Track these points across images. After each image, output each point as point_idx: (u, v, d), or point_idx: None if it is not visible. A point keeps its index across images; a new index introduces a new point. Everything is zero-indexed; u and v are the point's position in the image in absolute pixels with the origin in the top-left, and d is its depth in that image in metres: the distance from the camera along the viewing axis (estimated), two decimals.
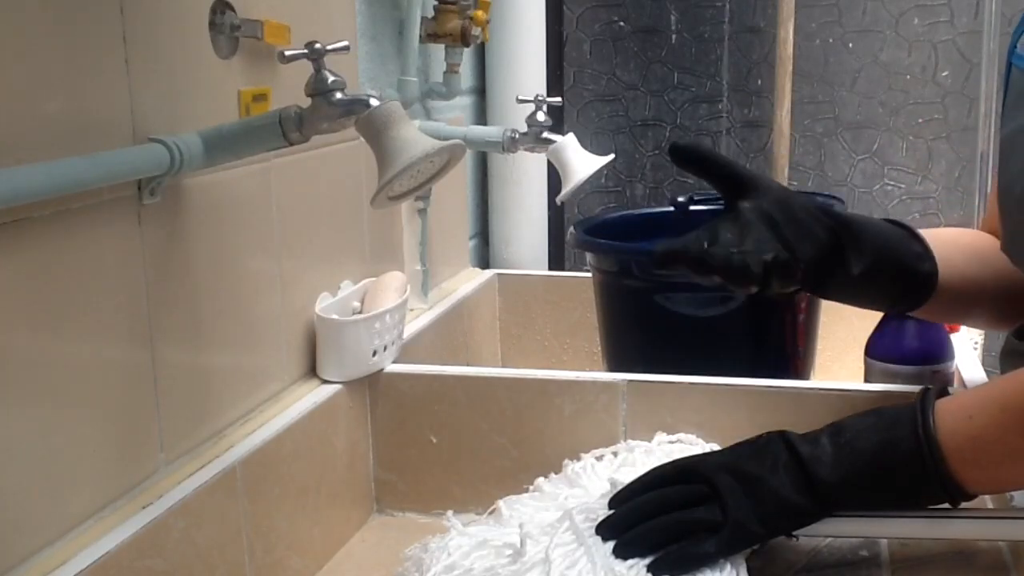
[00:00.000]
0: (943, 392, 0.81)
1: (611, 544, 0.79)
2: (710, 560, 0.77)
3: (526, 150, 1.31)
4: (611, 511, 0.82)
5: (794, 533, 0.80)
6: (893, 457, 0.77)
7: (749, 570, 0.79)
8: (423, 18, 1.30)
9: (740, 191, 0.85)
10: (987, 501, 0.87)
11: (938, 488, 0.77)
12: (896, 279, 0.90)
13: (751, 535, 0.78)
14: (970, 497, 0.78)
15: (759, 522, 0.78)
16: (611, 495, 0.84)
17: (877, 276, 0.88)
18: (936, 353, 1.06)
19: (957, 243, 0.96)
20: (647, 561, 0.78)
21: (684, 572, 0.77)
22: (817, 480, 0.78)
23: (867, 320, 1.10)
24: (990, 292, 0.95)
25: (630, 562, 0.78)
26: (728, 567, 0.78)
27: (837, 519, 0.80)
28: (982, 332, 1.72)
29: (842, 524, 0.80)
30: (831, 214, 0.87)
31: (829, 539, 0.85)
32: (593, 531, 0.81)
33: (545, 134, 1.28)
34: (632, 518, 0.80)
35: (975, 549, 0.83)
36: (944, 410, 0.78)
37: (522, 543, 0.79)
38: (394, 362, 1.08)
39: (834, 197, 1.22)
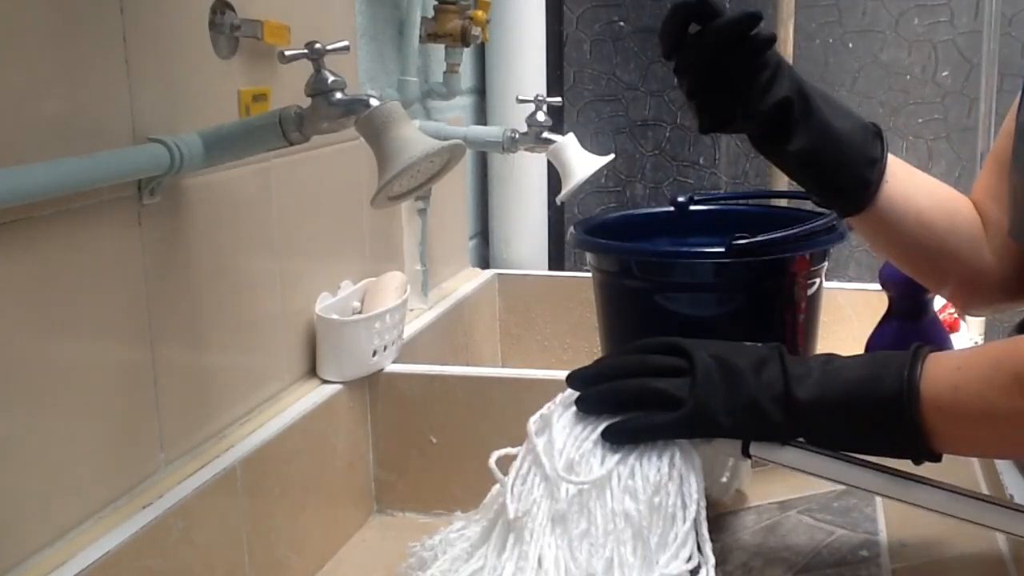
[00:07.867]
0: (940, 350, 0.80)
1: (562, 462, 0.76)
2: (661, 433, 0.75)
3: (526, 150, 1.31)
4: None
5: (752, 454, 0.78)
6: (872, 390, 0.75)
7: (747, 571, 0.79)
8: (423, 18, 1.30)
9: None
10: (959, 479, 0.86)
11: (908, 433, 0.74)
12: (832, 173, 0.91)
13: (712, 423, 0.76)
14: (935, 457, 0.77)
15: (725, 412, 0.75)
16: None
17: (814, 160, 0.90)
18: None
19: (930, 188, 0.97)
20: (602, 427, 0.76)
21: (632, 442, 0.75)
22: (793, 394, 0.76)
23: (867, 320, 1.10)
24: (940, 242, 0.95)
25: (585, 432, 0.76)
26: (678, 454, 0.75)
27: (799, 449, 0.77)
28: (983, 332, 1.73)
29: (802, 456, 0.77)
30: (800, 90, 0.87)
31: (829, 539, 0.85)
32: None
33: (545, 134, 1.29)
34: (604, 375, 0.79)
35: (975, 551, 0.83)
36: (936, 359, 0.77)
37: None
38: (394, 362, 1.08)
39: None
